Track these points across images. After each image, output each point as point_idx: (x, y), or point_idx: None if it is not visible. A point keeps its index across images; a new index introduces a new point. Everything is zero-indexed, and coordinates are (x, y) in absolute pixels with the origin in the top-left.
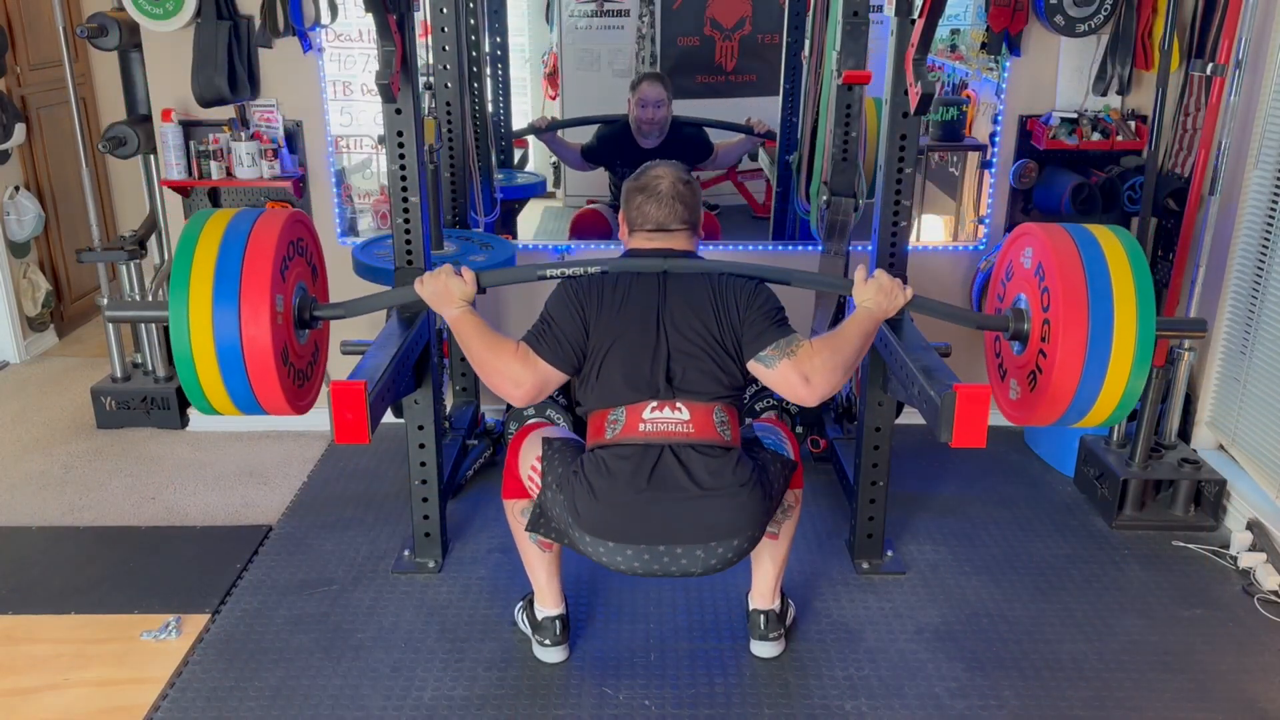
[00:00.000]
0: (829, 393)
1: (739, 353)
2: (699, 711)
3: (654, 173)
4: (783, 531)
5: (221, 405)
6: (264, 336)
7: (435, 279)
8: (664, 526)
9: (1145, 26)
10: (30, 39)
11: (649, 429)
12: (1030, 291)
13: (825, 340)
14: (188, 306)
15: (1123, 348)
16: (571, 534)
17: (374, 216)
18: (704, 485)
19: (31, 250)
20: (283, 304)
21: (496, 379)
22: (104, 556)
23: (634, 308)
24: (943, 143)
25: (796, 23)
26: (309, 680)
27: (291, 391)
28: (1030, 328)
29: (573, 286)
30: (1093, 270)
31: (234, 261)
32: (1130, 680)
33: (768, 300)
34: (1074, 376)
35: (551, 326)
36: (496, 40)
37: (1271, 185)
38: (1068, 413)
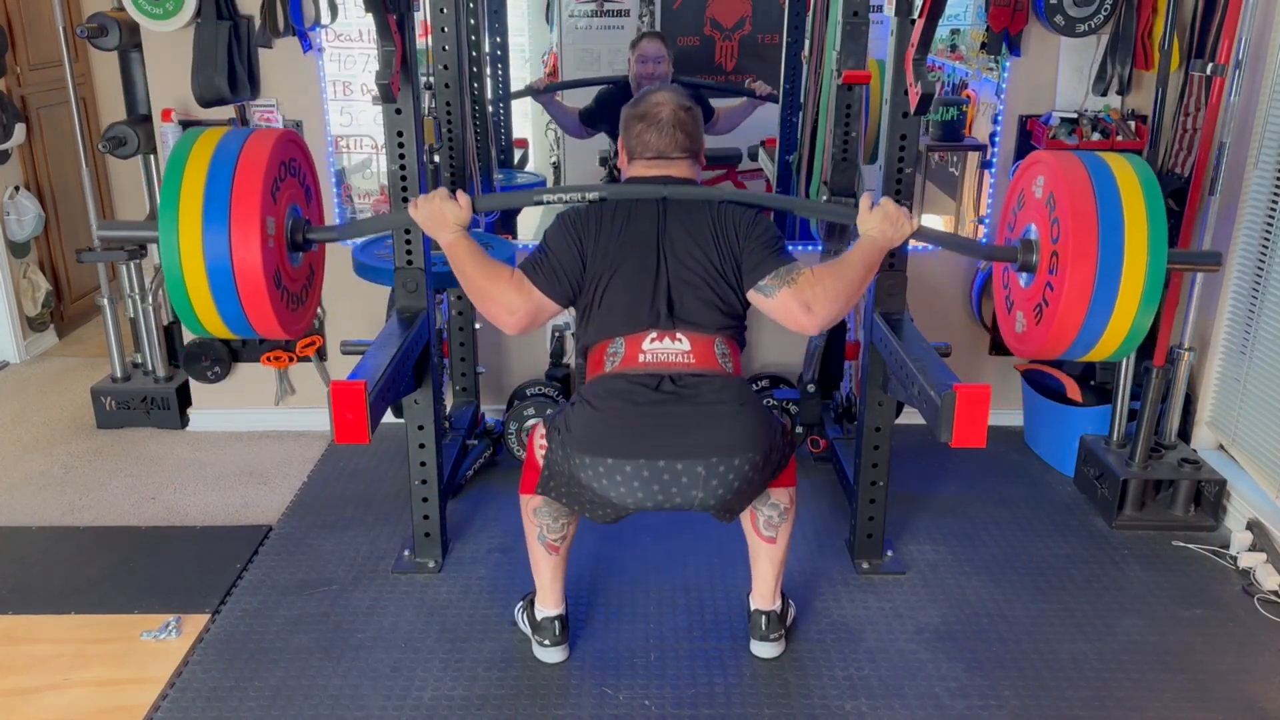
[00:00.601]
0: (830, 321)
1: (739, 282)
2: (699, 711)
3: (654, 99)
4: (780, 534)
5: (214, 327)
6: (255, 259)
7: (429, 202)
8: (664, 439)
9: (1145, 26)
10: (30, 39)
11: (649, 359)
12: (1040, 221)
13: (828, 268)
14: (178, 226)
15: (1133, 277)
16: (572, 464)
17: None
18: (705, 402)
19: (31, 250)
20: (274, 226)
21: (491, 306)
22: (104, 556)
23: (633, 235)
24: (943, 143)
25: (796, 23)
26: (309, 680)
27: (284, 314)
28: (1039, 259)
29: (570, 217)
30: (1104, 201)
31: (224, 180)
32: (1130, 680)
33: (768, 229)
34: (1081, 309)
35: (548, 256)
36: (496, 40)
37: (1271, 185)
38: (1074, 345)
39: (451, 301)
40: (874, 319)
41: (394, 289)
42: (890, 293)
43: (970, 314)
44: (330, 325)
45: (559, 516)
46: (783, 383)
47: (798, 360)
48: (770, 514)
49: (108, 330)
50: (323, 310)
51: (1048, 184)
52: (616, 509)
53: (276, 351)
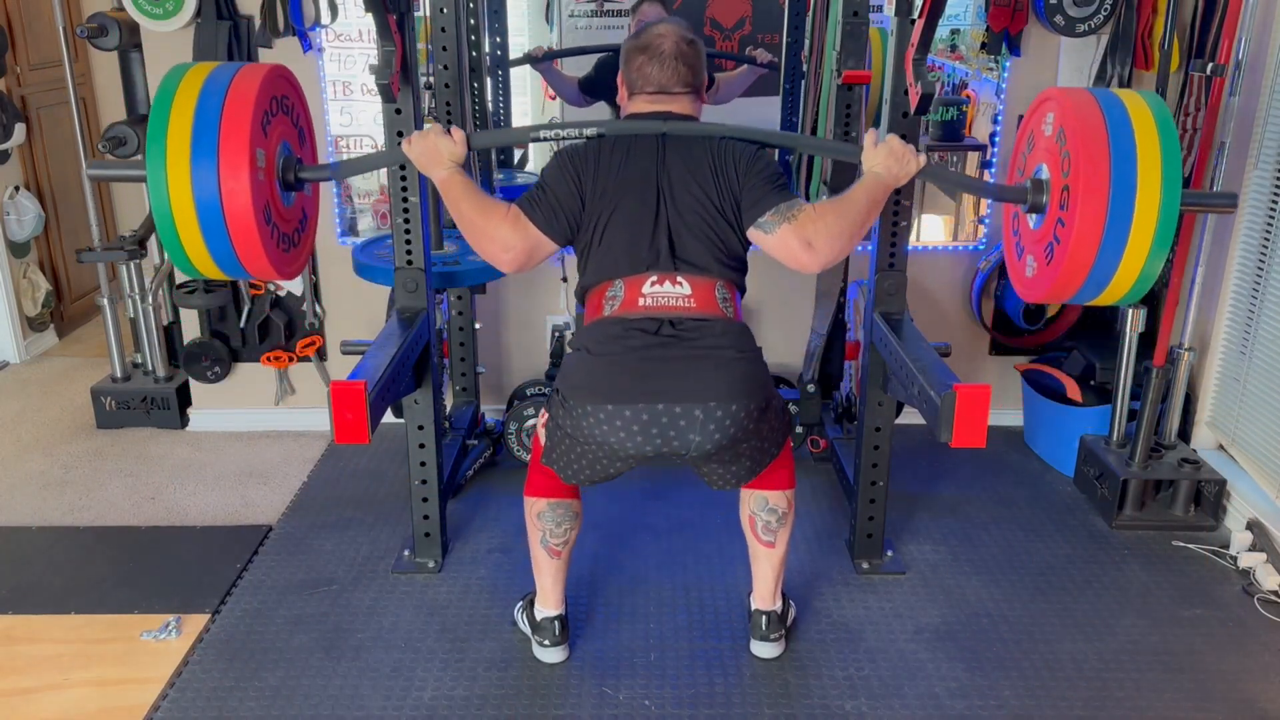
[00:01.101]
0: (831, 260)
1: (738, 220)
2: (699, 711)
3: (656, 31)
4: (779, 538)
5: (204, 266)
6: (244, 189)
7: (424, 138)
8: (662, 383)
9: (1145, 26)
10: (30, 39)
11: (649, 303)
12: (1050, 159)
13: (830, 204)
14: (165, 160)
15: (1145, 214)
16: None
17: (374, 216)
18: (705, 344)
19: (31, 250)
20: (264, 159)
21: (485, 243)
22: (104, 556)
23: (632, 173)
24: (943, 143)
25: (796, 23)
26: (309, 680)
27: (275, 253)
28: (1049, 198)
29: (569, 154)
30: (1116, 132)
31: (212, 112)
32: (1130, 680)
33: (768, 165)
34: (1093, 245)
35: (546, 193)
36: (496, 40)
37: (1271, 185)
38: (1085, 286)
39: (452, 302)
40: (874, 319)
41: (394, 289)
42: (890, 293)
43: (970, 314)
44: (330, 325)
45: (562, 521)
46: (783, 383)
47: (798, 360)
48: (769, 519)
49: (108, 330)
50: (322, 310)
51: (1058, 119)
52: (616, 458)
53: (276, 351)
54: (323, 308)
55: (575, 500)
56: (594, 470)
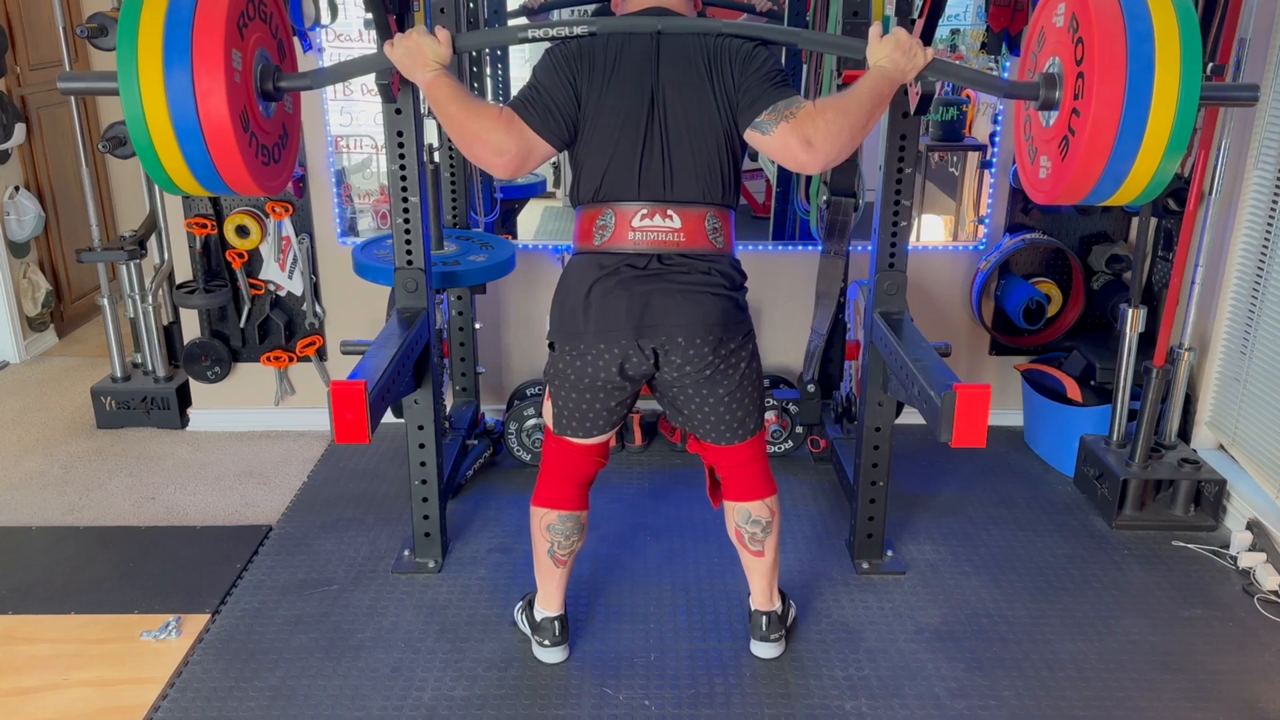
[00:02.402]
0: (833, 159)
1: (734, 125)
2: (699, 711)
3: None
4: (767, 547)
5: (180, 177)
6: (219, 91)
7: (407, 39)
8: (647, 313)
9: None
10: (30, 39)
11: (638, 238)
12: (1063, 50)
13: (831, 100)
14: (136, 67)
15: (1164, 100)
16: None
17: (374, 216)
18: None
19: (31, 250)
20: (241, 61)
21: (478, 148)
22: (104, 556)
23: (626, 75)
24: (943, 143)
25: (796, 23)
26: (309, 680)
27: (255, 166)
28: (1062, 93)
29: (562, 51)
30: (1133, 14)
31: (185, 10)
32: (1130, 680)
33: (766, 60)
34: (1110, 132)
35: (540, 93)
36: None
37: (1271, 185)
38: (1102, 179)
39: (452, 302)
40: (874, 319)
41: (394, 289)
42: (890, 293)
43: (970, 314)
44: (330, 325)
45: (571, 534)
46: (783, 383)
47: (798, 360)
48: (753, 530)
49: (108, 330)
50: (322, 310)
51: (1069, 7)
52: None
53: (276, 351)
54: (323, 308)
55: (584, 511)
56: (595, 411)
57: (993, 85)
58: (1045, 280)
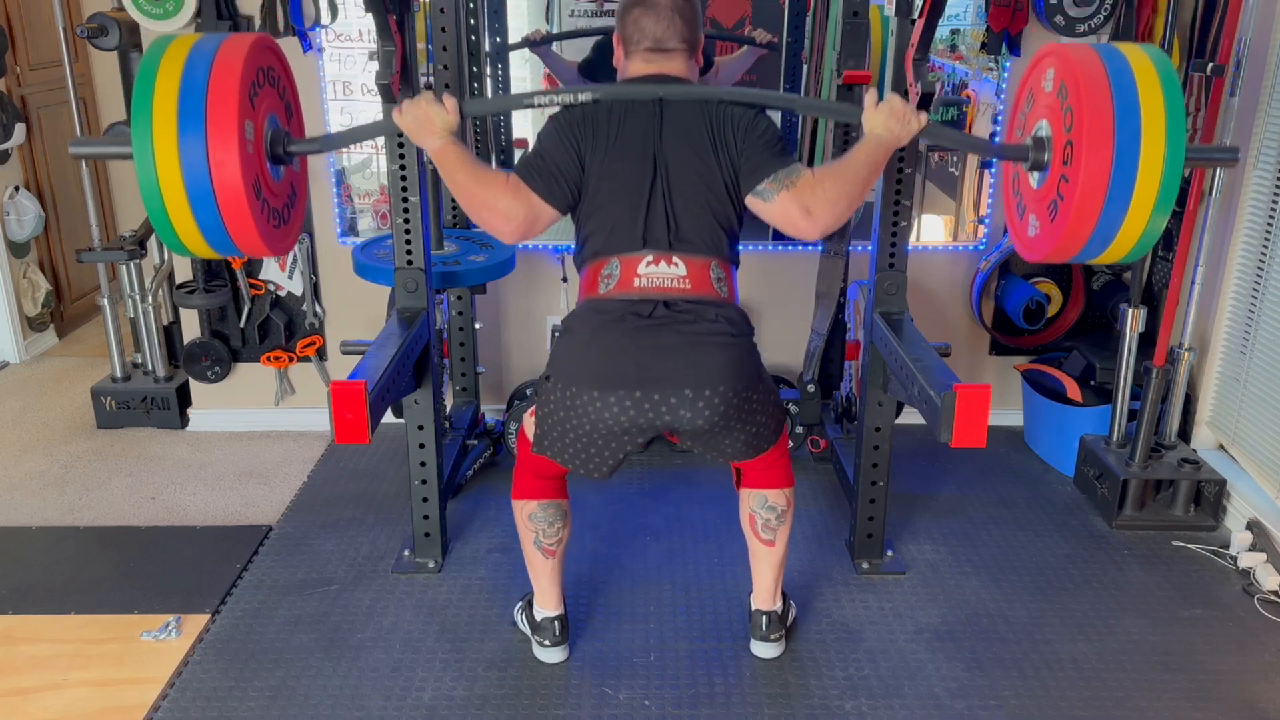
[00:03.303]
0: (831, 226)
1: (736, 189)
2: (699, 711)
3: None
4: (778, 536)
5: (193, 243)
6: (233, 162)
7: (415, 106)
8: (654, 368)
9: (1145, 26)
10: (30, 39)
11: (644, 284)
12: (1052, 115)
13: (829, 169)
14: (151, 134)
15: (1150, 166)
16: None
17: (374, 216)
18: (696, 328)
19: (31, 250)
20: (253, 131)
21: (485, 213)
22: (104, 556)
23: (629, 139)
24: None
25: (796, 23)
26: (309, 680)
27: (266, 230)
28: (1051, 155)
29: (566, 118)
30: (1119, 85)
31: (198, 84)
32: (1130, 680)
33: (767, 129)
34: (1098, 198)
35: (544, 159)
36: (496, 40)
37: (1271, 185)
38: (1090, 242)
39: (451, 302)
40: (874, 319)
41: (394, 289)
42: (890, 293)
43: (970, 314)
44: (330, 325)
45: (554, 520)
46: (783, 383)
47: (798, 360)
48: (768, 517)
49: (108, 330)
50: (322, 310)
51: (1059, 74)
52: (610, 436)
53: (276, 351)
54: (323, 308)
55: (564, 499)
56: (587, 453)
57: (983, 148)
58: (1045, 280)
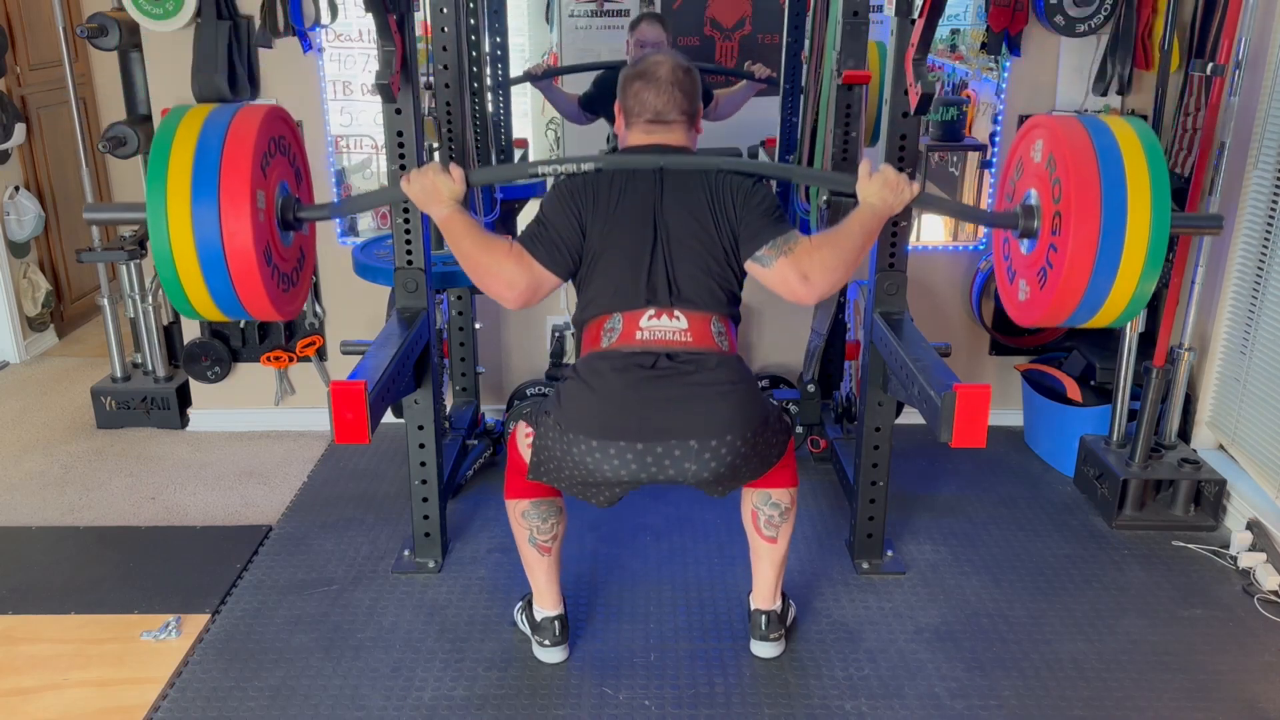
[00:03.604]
0: (828, 291)
1: (736, 253)
2: (699, 711)
3: (653, 59)
4: (780, 534)
5: (204, 307)
6: (245, 230)
7: (423, 176)
8: (656, 421)
9: (1145, 26)
10: (30, 39)
11: (646, 336)
12: (1041, 185)
13: (825, 236)
14: (165, 202)
15: (1137, 237)
16: (569, 444)
17: (374, 216)
18: (698, 382)
19: (31, 250)
20: (264, 200)
21: (490, 280)
22: (104, 556)
23: (630, 207)
24: (943, 143)
25: (796, 23)
26: (309, 680)
27: (276, 294)
28: (1040, 224)
29: (567, 187)
30: (1106, 159)
31: (212, 154)
32: (1130, 680)
33: (765, 198)
34: (1085, 269)
35: (547, 228)
36: (496, 40)
37: (1271, 185)
38: (1079, 309)
39: (451, 301)
40: (874, 319)
41: (394, 289)
42: (890, 293)
43: (970, 314)
44: (330, 325)
45: (547, 517)
46: (783, 383)
47: (798, 360)
48: (771, 513)
49: (108, 330)
50: (322, 310)
51: (1047, 146)
52: (610, 485)
53: (276, 351)
54: (323, 308)
55: (557, 496)
56: (584, 488)
57: (974, 216)
58: None
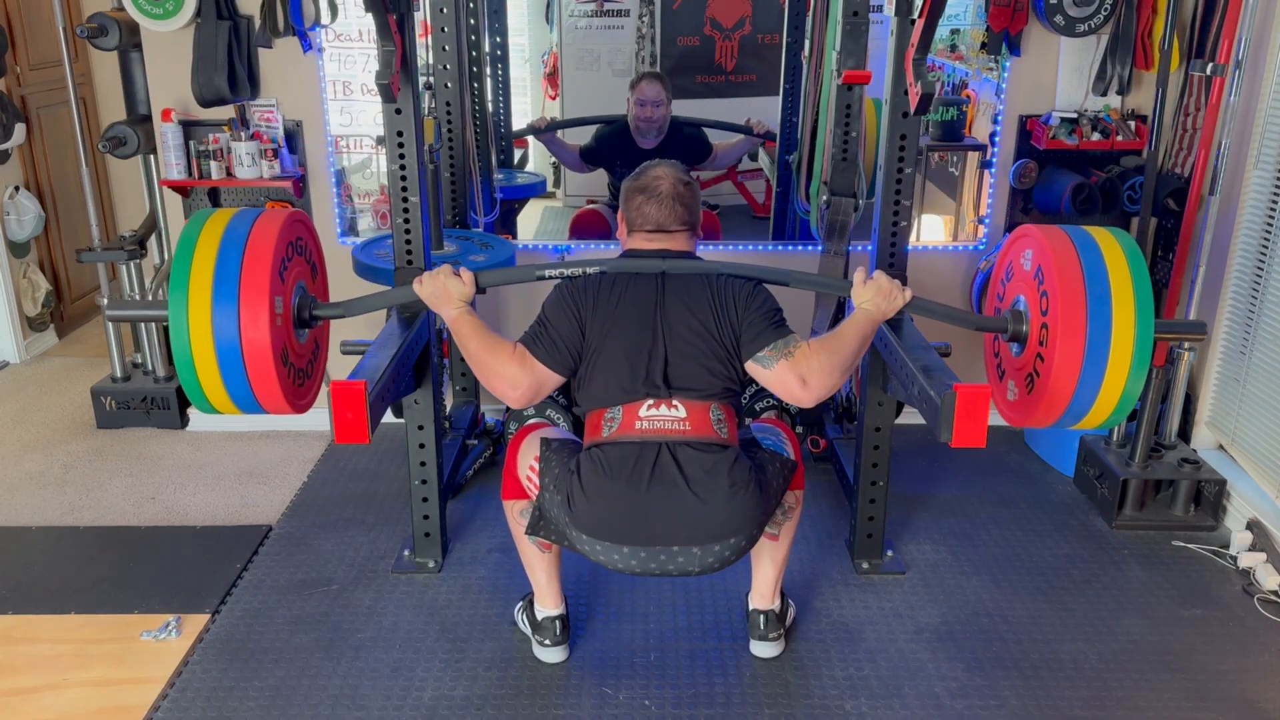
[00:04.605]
0: (826, 394)
1: (737, 353)
2: (699, 711)
3: (654, 173)
4: (783, 533)
5: (222, 405)
6: (263, 339)
7: (434, 279)
8: (660, 527)
9: (1145, 26)
10: (30, 39)
11: (645, 427)
12: (1029, 294)
13: (823, 342)
14: (187, 308)
15: (1121, 351)
16: (569, 533)
17: (374, 216)
18: (701, 486)
19: (31, 250)
20: (282, 305)
21: (494, 380)
22: (104, 556)
23: (631, 307)
24: (943, 143)
25: (796, 23)
26: (309, 680)
27: (291, 391)
28: (1029, 330)
29: (569, 288)
30: (1091, 274)
31: (233, 263)
32: (1130, 680)
33: (766, 301)
34: (1071, 381)
35: (548, 328)
36: (496, 40)
37: (1271, 185)
38: (1065, 415)
39: None
40: None
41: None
42: None
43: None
44: (330, 325)
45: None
46: None
47: None
48: (775, 513)
49: (108, 330)
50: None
51: (1035, 258)
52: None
53: None
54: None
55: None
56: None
57: (964, 320)
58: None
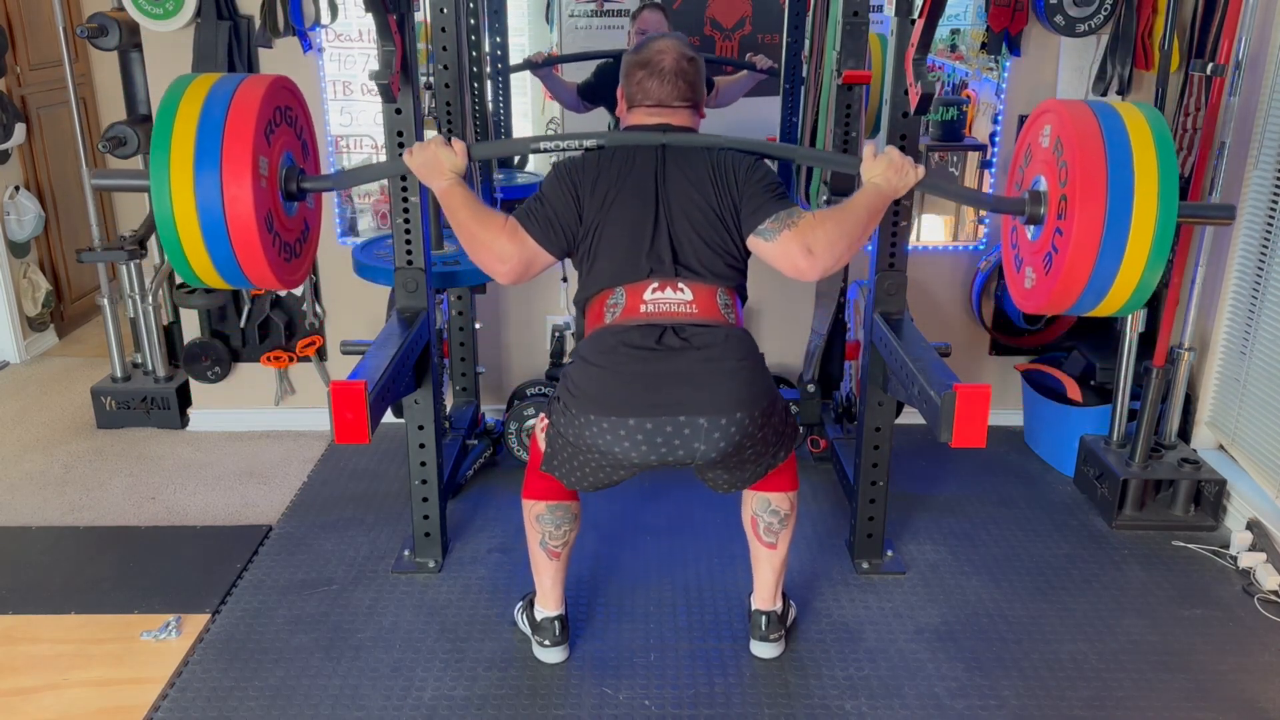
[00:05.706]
0: (831, 267)
1: (738, 228)
2: (699, 711)
3: (657, 46)
4: (780, 540)
5: (206, 273)
6: (246, 195)
7: (425, 149)
8: (666, 396)
9: (1145, 26)
10: (30, 39)
11: (650, 309)
12: (1048, 170)
13: (830, 212)
14: (169, 165)
15: (1143, 222)
16: (580, 428)
17: (374, 216)
18: (708, 351)
19: (31, 250)
20: (267, 167)
21: (483, 254)
22: (104, 556)
23: (631, 183)
24: (943, 143)
25: (796, 23)
26: (309, 680)
27: (277, 263)
28: (1047, 209)
29: (568, 167)
30: (1113, 141)
31: (216, 120)
32: (1130, 680)
33: (767, 174)
34: (1091, 252)
35: (544, 205)
36: (496, 40)
37: (1271, 185)
38: (1084, 295)
39: (452, 302)
40: (874, 319)
41: (394, 289)
42: (890, 293)
43: (970, 314)
44: (330, 325)
45: (561, 523)
46: (783, 383)
47: (798, 360)
48: (770, 520)
49: (108, 330)
50: (322, 310)
51: (1055, 130)
52: (619, 466)
53: (276, 351)
54: (323, 308)
55: (574, 502)
56: (596, 477)
57: (981, 200)
58: None
